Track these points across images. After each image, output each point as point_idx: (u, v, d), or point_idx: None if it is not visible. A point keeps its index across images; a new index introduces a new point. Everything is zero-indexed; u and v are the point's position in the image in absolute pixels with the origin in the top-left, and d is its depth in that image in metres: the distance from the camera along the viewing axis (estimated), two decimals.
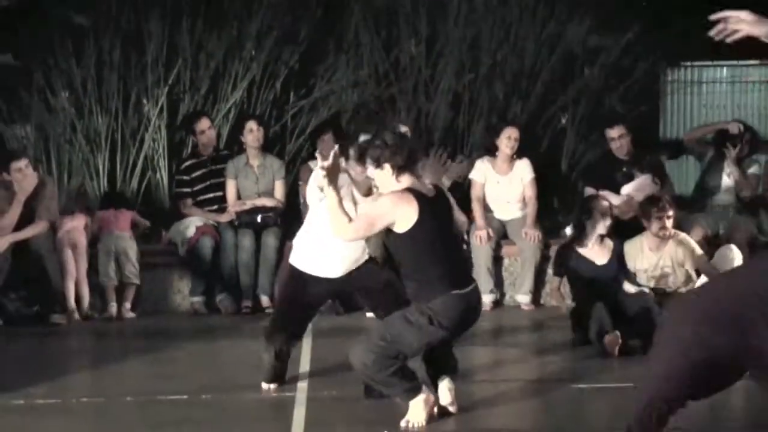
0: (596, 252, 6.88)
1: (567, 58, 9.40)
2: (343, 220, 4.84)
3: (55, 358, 6.63)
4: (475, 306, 4.99)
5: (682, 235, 7.27)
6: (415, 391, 4.87)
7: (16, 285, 7.84)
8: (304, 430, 4.89)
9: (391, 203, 4.80)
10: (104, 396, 5.66)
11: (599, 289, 6.69)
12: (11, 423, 5.16)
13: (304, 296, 5.48)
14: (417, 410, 4.86)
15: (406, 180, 4.85)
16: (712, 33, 3.57)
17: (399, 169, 4.82)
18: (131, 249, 8.13)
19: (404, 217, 4.77)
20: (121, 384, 5.99)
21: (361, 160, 5.06)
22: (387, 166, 4.83)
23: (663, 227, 7.08)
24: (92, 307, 8.01)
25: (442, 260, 4.85)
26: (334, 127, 8.74)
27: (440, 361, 5.17)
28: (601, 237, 6.89)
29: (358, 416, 5.07)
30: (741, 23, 3.51)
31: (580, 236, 6.91)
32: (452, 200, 5.89)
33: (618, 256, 6.89)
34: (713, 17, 3.52)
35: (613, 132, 8.39)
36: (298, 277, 5.51)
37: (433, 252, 4.83)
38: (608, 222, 6.89)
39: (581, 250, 6.89)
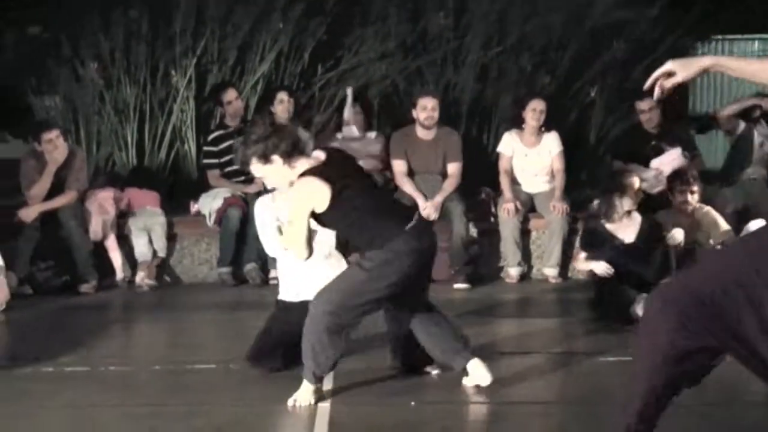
0: (623, 227, 6.84)
1: (595, 31, 9.33)
2: (300, 245, 4.73)
3: (84, 327, 6.66)
4: (430, 232, 4.93)
5: (707, 208, 7.22)
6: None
7: (45, 255, 7.92)
8: (332, 398, 4.93)
9: (300, 194, 4.67)
10: (132, 365, 5.71)
11: (624, 264, 6.67)
12: (41, 390, 5.21)
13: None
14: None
15: (301, 163, 4.73)
16: (655, 98, 3.51)
17: (288, 156, 4.70)
18: (161, 226, 8.17)
19: (320, 197, 4.64)
20: (149, 353, 6.04)
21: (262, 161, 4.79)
22: (275, 158, 4.71)
23: (685, 201, 7.05)
24: (124, 273, 8.06)
25: (379, 210, 4.77)
26: (361, 100, 8.73)
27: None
28: (629, 212, 6.85)
29: (384, 386, 5.08)
30: (671, 79, 3.44)
31: (606, 211, 6.87)
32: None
33: (647, 231, 6.79)
34: (647, 87, 3.45)
35: (644, 104, 8.32)
36: (284, 308, 5.43)
37: (367, 210, 4.73)
38: (634, 198, 6.85)
39: (608, 226, 6.85)
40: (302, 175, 4.70)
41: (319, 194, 4.64)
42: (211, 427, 4.63)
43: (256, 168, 4.79)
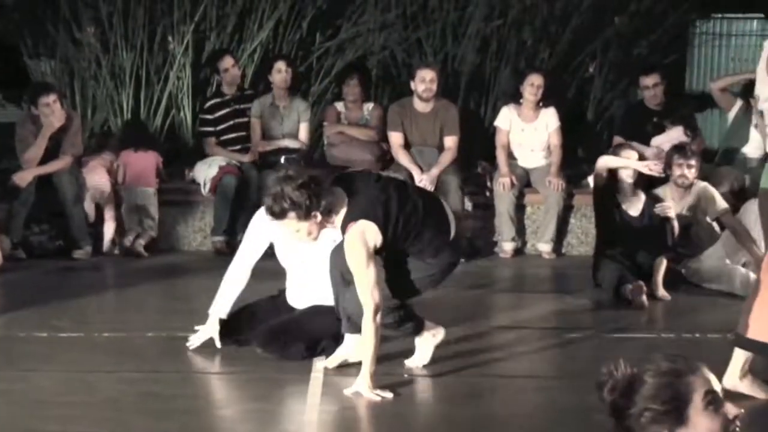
0: (630, 202, 6.82)
1: (597, 5, 9.29)
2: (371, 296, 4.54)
3: (78, 292, 6.65)
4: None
5: (704, 184, 7.21)
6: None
7: (40, 219, 7.88)
8: (324, 369, 4.93)
9: (355, 246, 4.52)
10: (126, 331, 5.70)
11: (629, 239, 6.67)
12: (36, 355, 5.22)
13: None
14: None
15: (338, 205, 4.59)
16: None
17: (327, 212, 4.57)
18: (153, 205, 8.13)
19: (373, 237, 4.54)
20: (143, 320, 6.03)
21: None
22: (315, 214, 4.54)
23: (683, 175, 7.03)
24: (114, 243, 8.04)
25: (427, 226, 4.75)
26: (360, 71, 8.69)
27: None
28: (634, 188, 6.84)
29: (386, 352, 5.01)
30: None
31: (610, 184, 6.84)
32: None
33: (652, 207, 6.77)
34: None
35: (648, 80, 8.28)
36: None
37: (417, 230, 4.71)
38: (635, 172, 6.82)
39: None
40: (344, 224, 4.58)
41: (371, 235, 4.54)
42: (206, 394, 4.64)
43: (291, 223, 4.58)
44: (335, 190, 4.62)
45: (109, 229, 8.01)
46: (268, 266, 5.32)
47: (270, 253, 5.26)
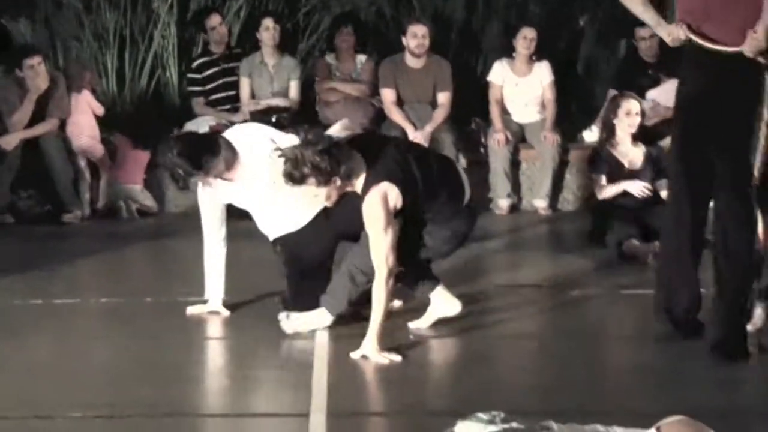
0: (630, 156, 6.73)
1: None
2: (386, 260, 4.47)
3: (70, 257, 6.54)
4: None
5: None
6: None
7: (27, 183, 7.77)
8: (329, 331, 4.84)
9: (375, 209, 4.45)
10: (123, 296, 5.61)
11: (631, 194, 6.58)
12: (31, 323, 5.12)
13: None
14: None
15: (358, 170, 4.50)
16: None
17: (346, 177, 4.47)
18: (147, 199, 8.02)
19: (395, 199, 4.47)
20: (139, 285, 5.95)
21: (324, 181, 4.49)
22: (335, 179, 4.46)
23: None
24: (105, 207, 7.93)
25: (442, 190, 4.67)
26: (353, 21, 8.55)
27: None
28: (634, 139, 6.73)
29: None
30: None
31: (608, 138, 6.74)
32: None
33: (653, 161, 6.66)
34: None
35: (644, 31, 8.12)
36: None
37: (433, 194, 4.63)
38: (638, 120, 6.72)
39: (614, 152, 6.74)
40: (365, 187, 4.48)
41: (393, 197, 4.46)
42: (208, 360, 4.56)
43: (311, 188, 4.47)
44: (354, 154, 4.51)
45: (104, 186, 7.90)
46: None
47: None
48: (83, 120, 7.99)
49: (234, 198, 5.02)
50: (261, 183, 4.81)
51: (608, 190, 6.68)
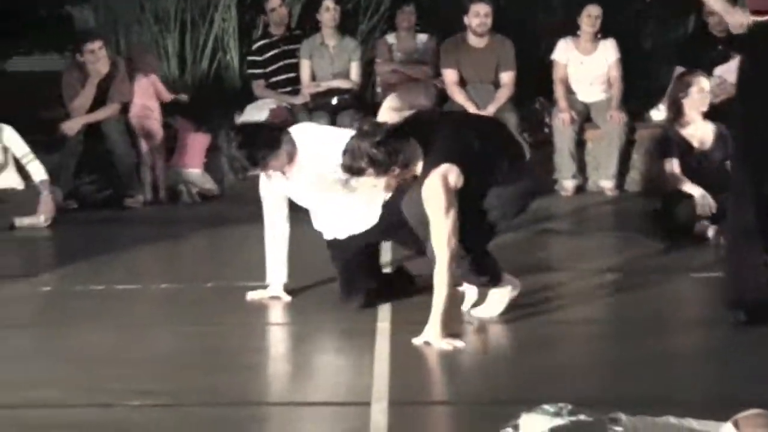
0: (700, 135, 6.53)
1: None
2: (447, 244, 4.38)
3: (131, 242, 6.53)
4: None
5: None
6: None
7: (89, 168, 7.82)
8: (391, 318, 4.78)
9: (435, 186, 4.34)
10: (183, 282, 5.58)
11: (703, 175, 6.38)
12: (93, 308, 5.11)
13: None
14: None
15: (415, 156, 4.42)
16: None
17: (404, 166, 4.40)
18: (208, 182, 8.00)
19: (455, 180, 4.37)
20: (199, 270, 5.92)
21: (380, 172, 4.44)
22: (394, 168, 4.41)
23: None
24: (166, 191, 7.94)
25: (503, 155, 4.56)
26: None
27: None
28: (703, 117, 6.54)
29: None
30: None
31: (676, 117, 6.55)
32: None
33: (724, 140, 6.42)
34: None
35: None
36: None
37: (496, 161, 4.53)
38: (707, 99, 6.53)
39: (682, 132, 6.55)
40: (425, 171, 4.39)
41: (454, 177, 4.36)
42: (269, 347, 4.50)
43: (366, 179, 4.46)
44: (410, 140, 4.42)
45: (162, 174, 7.91)
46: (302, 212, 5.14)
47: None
48: (146, 104, 7.98)
49: (291, 193, 4.98)
50: (318, 182, 4.76)
51: (679, 181, 6.42)
